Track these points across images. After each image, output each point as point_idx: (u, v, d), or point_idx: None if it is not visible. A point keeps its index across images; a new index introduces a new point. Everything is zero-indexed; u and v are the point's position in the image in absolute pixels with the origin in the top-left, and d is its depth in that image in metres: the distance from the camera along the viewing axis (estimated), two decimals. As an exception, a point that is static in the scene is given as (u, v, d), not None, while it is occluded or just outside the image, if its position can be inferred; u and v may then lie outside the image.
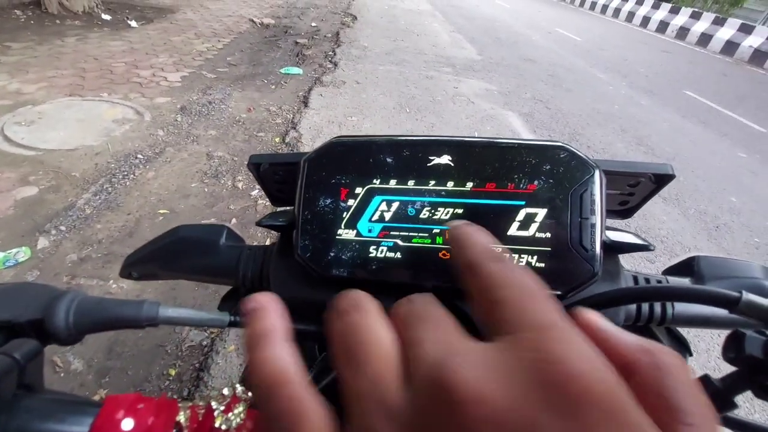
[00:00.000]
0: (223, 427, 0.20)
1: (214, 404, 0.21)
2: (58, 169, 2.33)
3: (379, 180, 0.31)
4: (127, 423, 0.18)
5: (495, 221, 0.30)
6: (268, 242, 1.55)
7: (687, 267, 0.38)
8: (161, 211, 2.15)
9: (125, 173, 2.38)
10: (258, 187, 2.44)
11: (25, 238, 1.86)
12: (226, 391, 0.22)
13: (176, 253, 0.38)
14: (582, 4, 17.59)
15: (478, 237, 0.18)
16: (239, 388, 0.22)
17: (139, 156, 2.55)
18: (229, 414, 0.21)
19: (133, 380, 1.41)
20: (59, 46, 4.09)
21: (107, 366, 1.43)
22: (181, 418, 0.20)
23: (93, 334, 0.24)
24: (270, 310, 0.17)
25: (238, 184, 2.45)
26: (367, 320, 0.16)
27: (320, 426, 0.13)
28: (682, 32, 12.19)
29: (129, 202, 2.18)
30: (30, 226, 1.93)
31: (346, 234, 0.31)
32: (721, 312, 0.30)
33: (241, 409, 0.22)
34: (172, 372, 1.45)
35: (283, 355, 0.15)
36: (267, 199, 2.15)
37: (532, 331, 0.13)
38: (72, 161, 2.41)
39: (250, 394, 0.23)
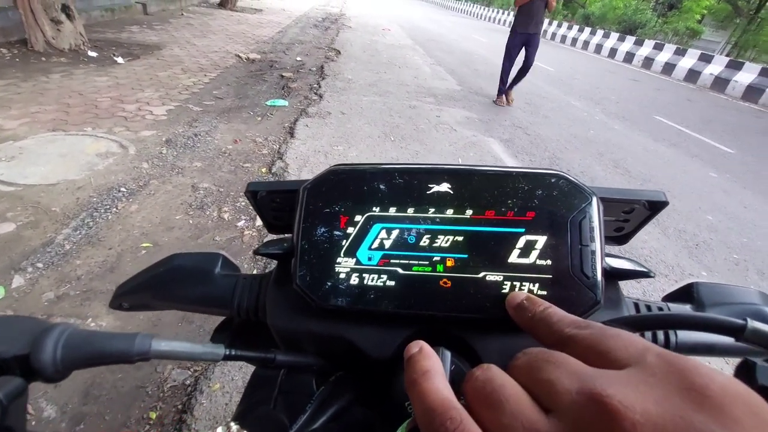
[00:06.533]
0: None
1: (208, 444, 0.20)
2: (38, 204, 2.27)
3: (378, 208, 0.31)
4: None
5: (495, 248, 0.30)
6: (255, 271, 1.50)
7: (686, 293, 0.39)
8: (144, 245, 2.10)
9: (107, 207, 2.33)
10: (244, 218, 2.42)
11: (-2, 277, 1.79)
12: (220, 430, 0.21)
13: (170, 283, 0.37)
14: (553, 38, 18.64)
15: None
16: (234, 426, 0.21)
17: (123, 189, 2.51)
18: (224, 453, 0.20)
19: (110, 426, 1.32)
20: (44, 82, 4.09)
21: (83, 411, 1.34)
22: (174, 459, 0.19)
23: (73, 374, 0.22)
24: (429, 353, 0.21)
25: (224, 215, 2.43)
26: (497, 374, 0.19)
27: None
28: (648, 62, 12.98)
29: (111, 236, 2.13)
30: (5, 264, 1.85)
31: (346, 262, 0.31)
32: (725, 339, 0.30)
33: (236, 447, 0.21)
34: (153, 415, 1.37)
35: (445, 386, 0.19)
36: (253, 230, 2.11)
37: (642, 357, 0.16)
38: (52, 196, 2.36)
39: (245, 432, 0.22)
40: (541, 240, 0.30)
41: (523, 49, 5.38)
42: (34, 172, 2.54)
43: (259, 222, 2.38)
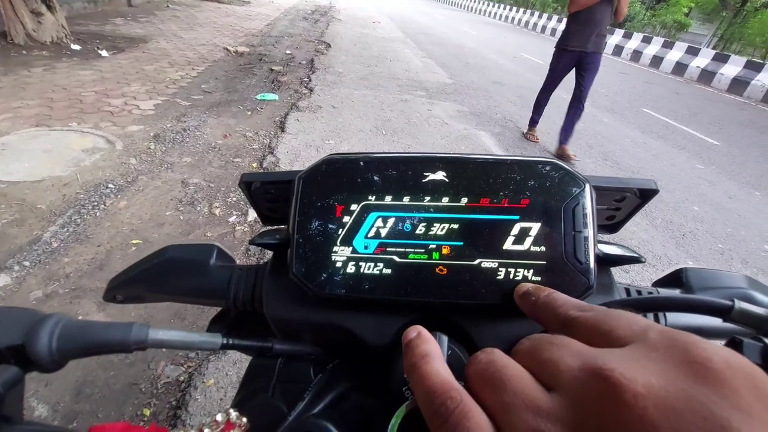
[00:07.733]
0: None
1: (207, 431, 0.20)
2: (23, 201, 2.23)
3: (374, 197, 0.31)
4: None
5: (490, 236, 0.30)
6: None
7: (676, 279, 0.40)
8: (134, 242, 2.07)
9: (95, 203, 2.30)
10: (236, 213, 2.40)
11: (-16, 276, 1.75)
12: (219, 417, 0.21)
13: (164, 275, 0.37)
14: (543, 31, 18.67)
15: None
16: (233, 413, 0.21)
17: (111, 185, 2.47)
18: (225, 440, 0.20)
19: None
20: (25, 76, 3.98)
21: (75, 410, 1.33)
22: (174, 447, 0.19)
23: (64, 372, 0.22)
24: (427, 337, 0.21)
25: (214, 210, 2.40)
26: (499, 356, 0.19)
27: (482, 422, 0.16)
28: (636, 55, 13.08)
29: (99, 233, 2.10)
30: (-10, 263, 1.82)
31: (342, 251, 0.31)
32: (713, 321, 0.31)
33: (236, 434, 0.21)
34: (147, 412, 1.36)
35: (444, 368, 0.19)
36: (245, 226, 2.10)
37: (644, 334, 0.16)
38: (38, 193, 2.31)
39: (245, 419, 0.22)
40: (535, 227, 0.30)
41: (574, 72, 3.75)
42: (18, 168, 2.49)
43: (251, 217, 2.36)
